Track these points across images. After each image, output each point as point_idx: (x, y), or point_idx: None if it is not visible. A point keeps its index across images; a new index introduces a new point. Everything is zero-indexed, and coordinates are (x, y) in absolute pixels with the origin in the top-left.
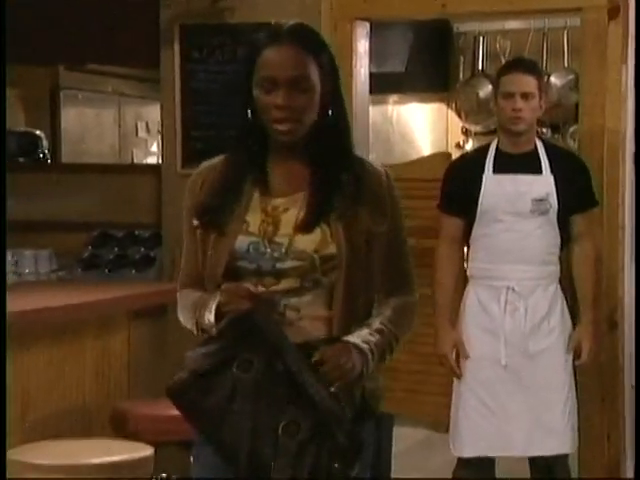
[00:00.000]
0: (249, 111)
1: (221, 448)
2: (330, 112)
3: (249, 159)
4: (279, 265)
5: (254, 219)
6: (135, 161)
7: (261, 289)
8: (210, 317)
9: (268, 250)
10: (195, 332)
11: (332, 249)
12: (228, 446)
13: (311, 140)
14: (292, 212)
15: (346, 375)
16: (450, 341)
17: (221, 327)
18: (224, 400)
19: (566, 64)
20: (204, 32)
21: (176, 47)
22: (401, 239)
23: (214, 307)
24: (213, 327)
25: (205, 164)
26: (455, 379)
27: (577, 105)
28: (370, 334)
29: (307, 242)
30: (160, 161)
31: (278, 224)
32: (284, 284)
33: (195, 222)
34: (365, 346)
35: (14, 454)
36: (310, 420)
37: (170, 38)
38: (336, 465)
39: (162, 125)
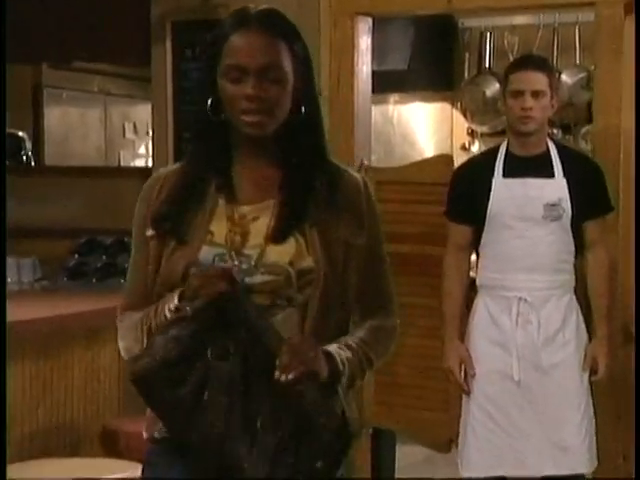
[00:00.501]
0: (209, 104)
1: (189, 444)
2: (303, 109)
3: (211, 160)
4: (248, 279)
5: (219, 229)
6: (122, 163)
7: None
8: (172, 305)
9: (235, 263)
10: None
11: (309, 262)
12: (197, 442)
13: (281, 139)
14: (262, 221)
15: (309, 363)
16: (457, 355)
17: (195, 307)
18: (195, 391)
19: (577, 61)
20: (196, 29)
21: (168, 44)
22: (380, 255)
23: (176, 297)
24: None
25: (162, 169)
26: (464, 395)
27: (589, 104)
28: (339, 348)
29: (280, 254)
30: (150, 163)
31: (247, 234)
32: (254, 301)
33: (150, 232)
34: (335, 353)
35: None
36: (292, 414)
37: (161, 35)
38: (318, 465)
39: (153, 126)
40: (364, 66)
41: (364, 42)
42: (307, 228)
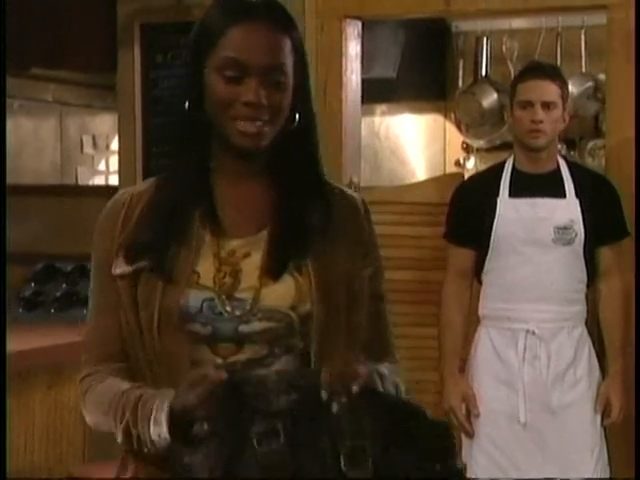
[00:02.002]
0: (187, 105)
1: None
2: (297, 117)
3: (193, 181)
4: (243, 328)
5: (206, 268)
6: (80, 181)
7: (217, 361)
8: (162, 430)
9: (228, 309)
10: (120, 440)
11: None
12: None
13: (272, 154)
14: (255, 257)
15: (353, 375)
16: (458, 393)
17: (206, 430)
18: None
19: (583, 69)
20: (168, 32)
21: (136, 50)
22: (383, 290)
23: (164, 416)
24: (166, 439)
25: (123, 193)
26: (464, 438)
27: (596, 116)
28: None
29: (279, 296)
30: (110, 181)
31: (238, 274)
32: (247, 352)
33: (120, 269)
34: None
35: None
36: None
37: (129, 39)
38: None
39: (119, 140)
40: (353, 74)
41: (353, 48)
42: (305, 264)
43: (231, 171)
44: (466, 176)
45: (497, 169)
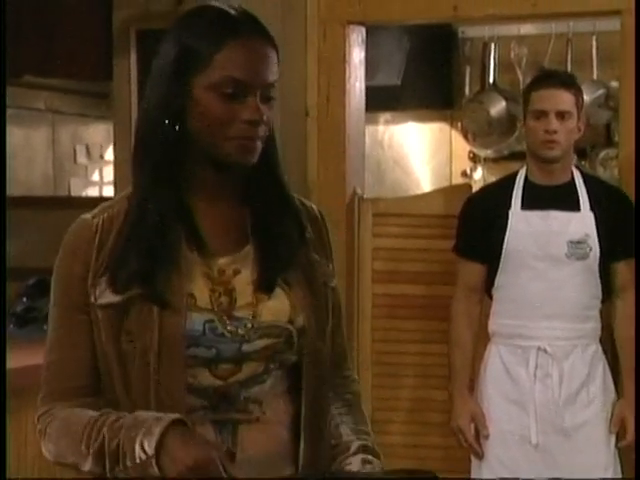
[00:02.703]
0: (167, 122)
1: None
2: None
3: (174, 202)
4: (245, 347)
5: (199, 290)
6: (72, 192)
7: (216, 383)
8: (149, 446)
9: (230, 329)
10: (88, 467)
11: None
12: None
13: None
14: (244, 274)
15: None
16: (467, 412)
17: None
18: None
19: (595, 76)
20: None
21: (132, 56)
22: (340, 300)
23: (155, 440)
24: (151, 460)
25: (94, 215)
26: (473, 458)
27: (608, 125)
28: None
29: (277, 311)
30: (105, 192)
31: (232, 292)
32: (245, 371)
33: (109, 299)
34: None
35: None
36: None
37: (125, 46)
38: None
39: (115, 150)
40: (357, 82)
41: (357, 54)
42: (293, 276)
43: (208, 188)
44: (474, 187)
45: (508, 181)
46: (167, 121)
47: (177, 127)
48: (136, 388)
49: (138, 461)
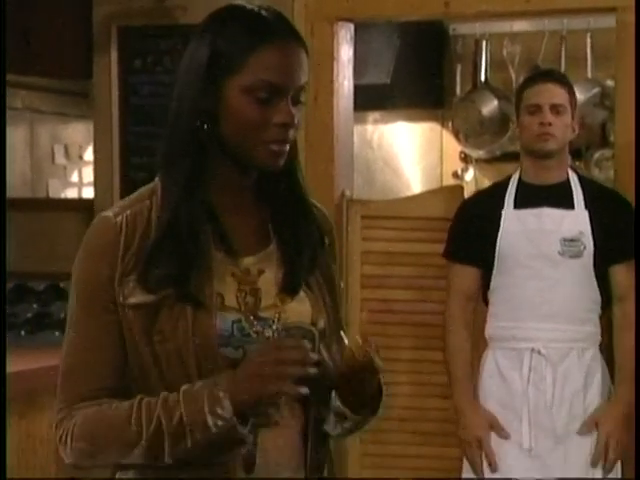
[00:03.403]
0: (205, 125)
1: None
2: None
3: (202, 202)
4: None
5: (226, 288)
6: (51, 194)
7: None
8: (224, 405)
9: (257, 329)
10: (142, 451)
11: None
12: None
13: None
14: (269, 274)
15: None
16: (484, 421)
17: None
18: None
19: (589, 75)
20: (148, 35)
21: (113, 54)
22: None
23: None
24: (232, 418)
25: (114, 213)
26: (464, 468)
27: (604, 125)
28: None
29: (300, 313)
30: (84, 194)
31: (257, 292)
32: None
33: (140, 298)
34: None
35: None
36: None
37: (105, 43)
38: None
39: (95, 151)
40: (345, 80)
41: (345, 52)
42: (313, 278)
43: (231, 189)
44: (465, 189)
45: (502, 184)
46: (199, 123)
47: (206, 127)
48: (174, 386)
49: (215, 429)
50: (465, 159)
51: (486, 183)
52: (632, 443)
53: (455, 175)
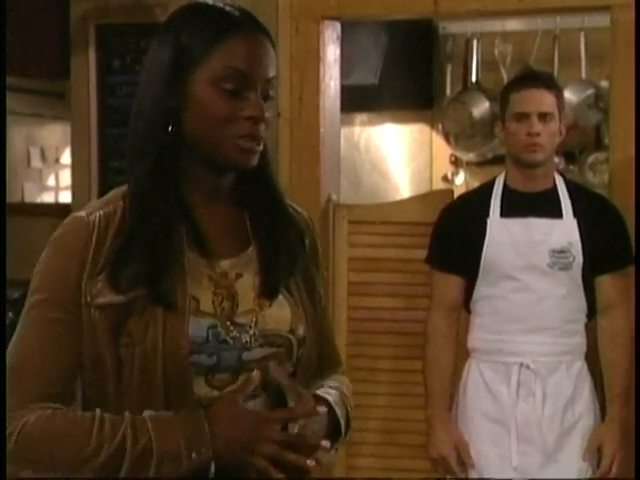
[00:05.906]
0: (171, 126)
1: None
2: None
3: (174, 202)
4: (245, 356)
5: (202, 293)
6: (26, 198)
7: (212, 393)
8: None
9: (233, 335)
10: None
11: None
12: None
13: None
14: (247, 278)
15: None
16: (450, 440)
17: None
18: None
19: (583, 75)
20: (127, 34)
21: (91, 54)
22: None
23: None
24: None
25: (88, 212)
26: None
27: (598, 127)
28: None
29: (279, 319)
30: (61, 198)
31: (234, 297)
32: (240, 382)
33: (109, 298)
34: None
35: None
36: None
37: (83, 42)
38: None
39: (72, 153)
40: (332, 81)
41: (331, 52)
42: (293, 283)
43: (206, 190)
44: (455, 193)
45: (486, 187)
46: (163, 122)
47: (171, 128)
48: (134, 394)
49: (186, 464)
50: (455, 162)
51: None
52: (629, 454)
53: (445, 179)
